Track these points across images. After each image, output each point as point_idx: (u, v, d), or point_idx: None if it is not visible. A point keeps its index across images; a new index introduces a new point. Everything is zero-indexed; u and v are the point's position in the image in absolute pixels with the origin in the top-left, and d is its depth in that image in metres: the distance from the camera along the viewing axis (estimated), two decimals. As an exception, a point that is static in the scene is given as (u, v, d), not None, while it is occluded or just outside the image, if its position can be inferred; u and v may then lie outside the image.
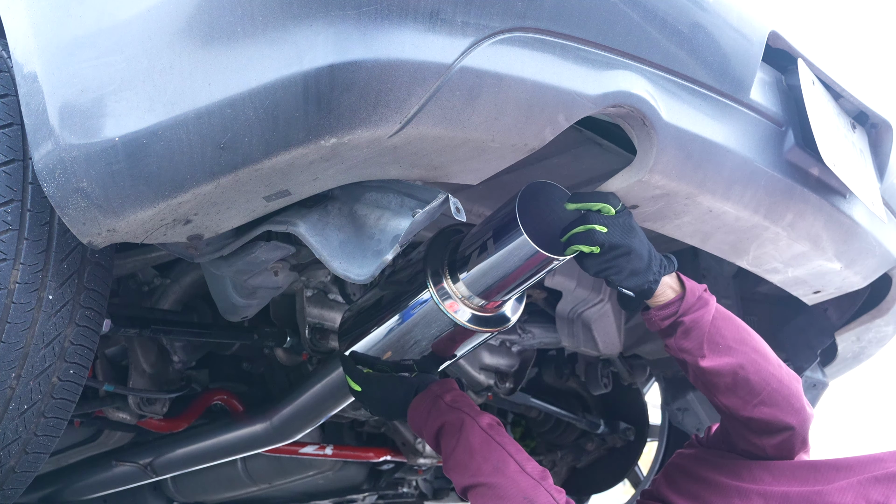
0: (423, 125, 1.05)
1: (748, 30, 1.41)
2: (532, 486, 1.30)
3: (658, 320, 1.40)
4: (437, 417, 1.42)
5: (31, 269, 1.22)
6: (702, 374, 1.41)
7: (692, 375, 1.44)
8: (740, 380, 1.40)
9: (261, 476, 2.57)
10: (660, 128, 1.28)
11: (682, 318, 1.39)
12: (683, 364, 1.44)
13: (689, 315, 1.39)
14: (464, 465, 1.36)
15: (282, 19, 1.00)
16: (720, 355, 1.39)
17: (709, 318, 1.40)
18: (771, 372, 1.42)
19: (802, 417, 1.44)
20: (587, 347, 2.17)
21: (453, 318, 1.33)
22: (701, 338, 1.39)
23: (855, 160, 1.62)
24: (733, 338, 1.42)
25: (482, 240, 1.30)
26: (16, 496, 1.41)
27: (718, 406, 1.46)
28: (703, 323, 1.40)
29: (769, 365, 1.43)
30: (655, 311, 1.40)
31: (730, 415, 1.45)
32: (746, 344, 1.43)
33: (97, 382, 1.82)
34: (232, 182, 1.07)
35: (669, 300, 1.39)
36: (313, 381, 1.92)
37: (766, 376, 1.41)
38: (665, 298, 1.39)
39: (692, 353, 1.40)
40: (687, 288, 1.41)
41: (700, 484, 1.47)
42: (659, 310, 1.40)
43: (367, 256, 1.16)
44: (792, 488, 1.37)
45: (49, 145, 1.13)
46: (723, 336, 1.41)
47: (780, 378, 1.42)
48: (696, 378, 1.44)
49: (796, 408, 1.43)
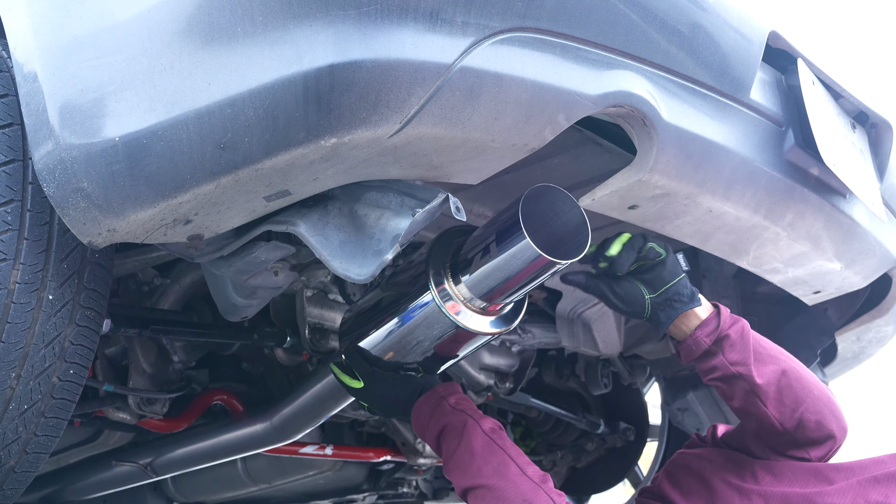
0: (423, 125, 1.05)
1: (748, 30, 1.41)
2: (532, 489, 1.31)
3: (703, 337, 1.40)
4: (440, 419, 1.42)
5: (31, 269, 1.22)
6: (753, 387, 1.40)
7: (740, 392, 1.41)
8: (784, 387, 1.40)
9: (261, 476, 2.57)
10: (660, 128, 1.28)
11: (727, 332, 1.40)
12: (731, 382, 1.41)
13: (733, 327, 1.40)
14: (464, 467, 1.36)
15: (282, 19, 1.00)
16: (766, 364, 1.40)
17: (749, 329, 1.42)
18: (810, 380, 1.43)
19: (843, 427, 1.44)
20: (587, 347, 2.17)
21: (455, 320, 1.33)
22: (748, 348, 1.40)
23: (855, 160, 1.62)
24: (772, 346, 1.44)
25: (485, 242, 1.30)
26: (16, 496, 1.41)
27: (764, 423, 1.43)
28: (747, 332, 1.41)
29: (808, 374, 1.44)
30: (699, 329, 1.40)
31: (773, 431, 1.43)
32: (783, 353, 1.45)
33: (97, 382, 1.82)
34: (232, 182, 1.07)
35: (709, 316, 1.41)
36: (313, 381, 1.92)
37: (807, 384, 1.42)
38: (704, 315, 1.41)
39: (745, 364, 1.39)
40: (719, 304, 1.43)
41: (701, 482, 1.47)
42: (701, 328, 1.40)
43: (367, 256, 1.16)
44: (792, 489, 1.37)
45: (49, 145, 1.13)
46: (763, 346, 1.42)
47: (819, 386, 1.43)
48: (744, 395, 1.41)
49: (837, 416, 1.44)
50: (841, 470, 1.38)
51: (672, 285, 1.39)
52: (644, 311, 1.41)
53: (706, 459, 1.52)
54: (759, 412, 1.41)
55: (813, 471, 1.40)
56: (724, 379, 1.42)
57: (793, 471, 1.42)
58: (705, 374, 1.44)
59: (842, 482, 1.34)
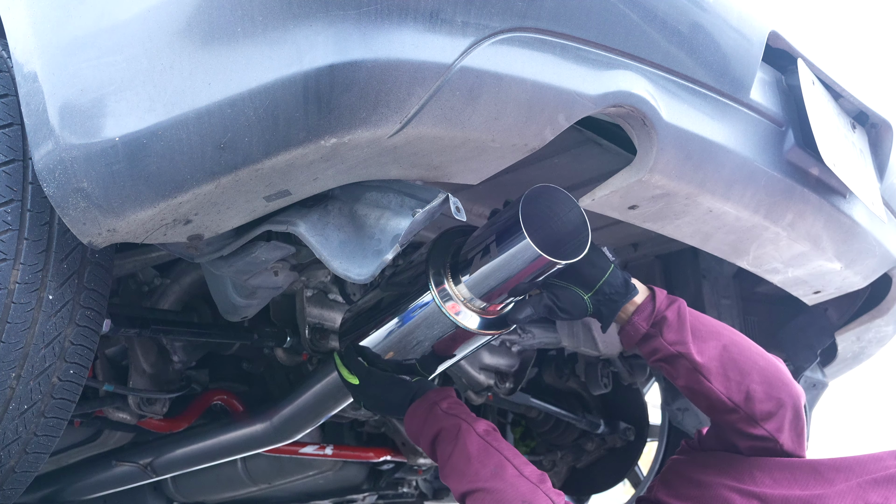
0: (423, 125, 1.05)
1: (748, 30, 1.41)
2: (531, 489, 1.31)
3: (640, 322, 1.41)
4: (433, 424, 1.42)
5: (31, 269, 1.22)
6: (694, 365, 1.41)
7: (683, 371, 1.43)
8: (727, 361, 1.41)
9: (261, 476, 2.57)
10: (660, 128, 1.28)
11: (664, 314, 1.41)
12: (673, 362, 1.43)
13: (669, 308, 1.42)
14: (461, 471, 1.36)
15: (282, 19, 1.00)
16: (705, 341, 1.42)
17: (686, 309, 1.43)
18: (755, 351, 1.44)
19: (793, 393, 1.44)
20: (587, 347, 2.17)
21: (455, 320, 1.33)
22: (685, 327, 1.41)
23: (855, 160, 1.62)
24: (710, 323, 1.45)
25: (485, 243, 1.30)
26: (16, 496, 1.41)
27: (713, 400, 1.44)
28: (683, 312, 1.42)
29: (751, 346, 1.45)
30: (636, 315, 1.41)
31: (724, 408, 1.44)
32: (725, 328, 1.46)
33: (97, 382, 1.82)
34: (232, 182, 1.07)
35: (644, 301, 1.42)
36: (313, 381, 1.92)
37: (751, 356, 1.43)
38: (640, 300, 1.42)
39: (684, 343, 1.41)
40: (654, 287, 1.44)
41: (699, 488, 1.46)
42: (638, 313, 1.41)
43: (367, 256, 1.16)
44: (792, 492, 1.36)
45: (49, 145, 1.13)
46: (703, 323, 1.44)
47: (765, 357, 1.44)
48: (687, 373, 1.43)
49: (786, 382, 1.44)
50: (840, 469, 1.38)
51: (604, 281, 1.40)
52: (587, 310, 1.42)
53: (701, 464, 1.51)
54: (705, 389, 1.42)
55: (811, 471, 1.40)
56: (665, 359, 1.43)
57: (791, 471, 1.41)
58: (648, 357, 1.45)
59: (841, 484, 1.34)
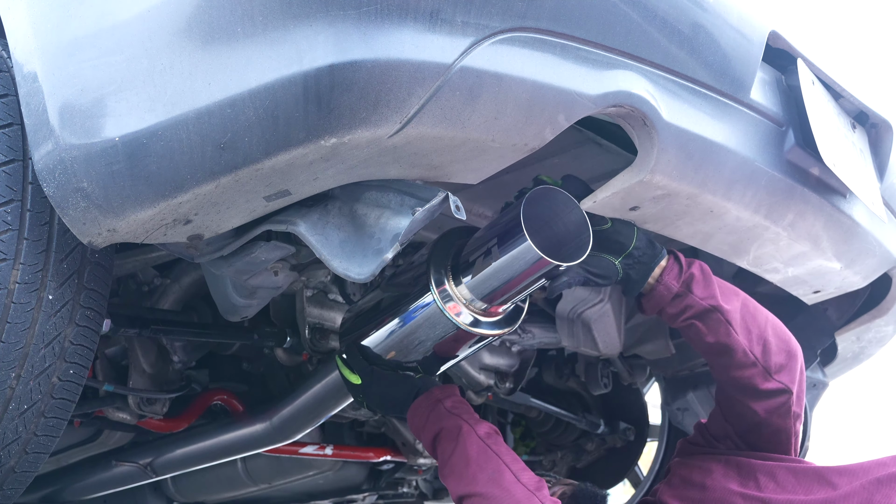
0: (423, 125, 1.05)
1: (748, 30, 1.41)
2: (527, 496, 1.31)
3: (671, 281, 1.45)
4: (435, 421, 1.42)
5: (31, 269, 1.22)
6: (726, 317, 1.45)
7: (714, 325, 1.45)
8: (746, 314, 1.47)
9: (261, 476, 2.57)
10: (661, 128, 1.28)
11: (691, 271, 1.46)
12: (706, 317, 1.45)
13: (693, 266, 1.47)
14: (460, 474, 1.36)
15: (282, 19, 1.00)
16: (728, 295, 1.48)
17: (706, 265, 1.49)
18: (760, 306, 1.52)
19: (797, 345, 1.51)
20: (587, 347, 2.17)
21: (455, 321, 1.33)
22: (712, 281, 1.46)
23: (855, 160, 1.62)
24: (724, 281, 1.52)
25: (486, 244, 1.30)
26: (16, 496, 1.41)
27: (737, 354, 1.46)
28: (706, 268, 1.48)
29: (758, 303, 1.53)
30: (666, 274, 1.45)
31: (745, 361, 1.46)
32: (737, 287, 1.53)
33: (97, 382, 1.82)
34: (232, 182, 1.07)
35: (669, 262, 1.47)
36: (313, 381, 1.92)
37: (761, 309, 1.51)
38: (664, 262, 1.47)
39: (714, 297, 1.45)
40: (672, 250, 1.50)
41: (704, 491, 1.46)
42: (667, 273, 1.45)
43: (367, 255, 1.16)
44: (797, 496, 1.36)
45: (49, 145, 1.13)
46: (721, 281, 1.50)
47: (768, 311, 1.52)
48: (718, 327, 1.45)
49: (790, 334, 1.51)
50: (844, 473, 1.38)
51: (634, 245, 1.44)
52: (619, 274, 1.45)
53: (706, 469, 1.51)
54: (733, 342, 1.45)
55: (816, 476, 1.40)
56: (698, 316, 1.46)
57: (796, 476, 1.41)
58: (678, 317, 1.48)
59: (846, 487, 1.34)
